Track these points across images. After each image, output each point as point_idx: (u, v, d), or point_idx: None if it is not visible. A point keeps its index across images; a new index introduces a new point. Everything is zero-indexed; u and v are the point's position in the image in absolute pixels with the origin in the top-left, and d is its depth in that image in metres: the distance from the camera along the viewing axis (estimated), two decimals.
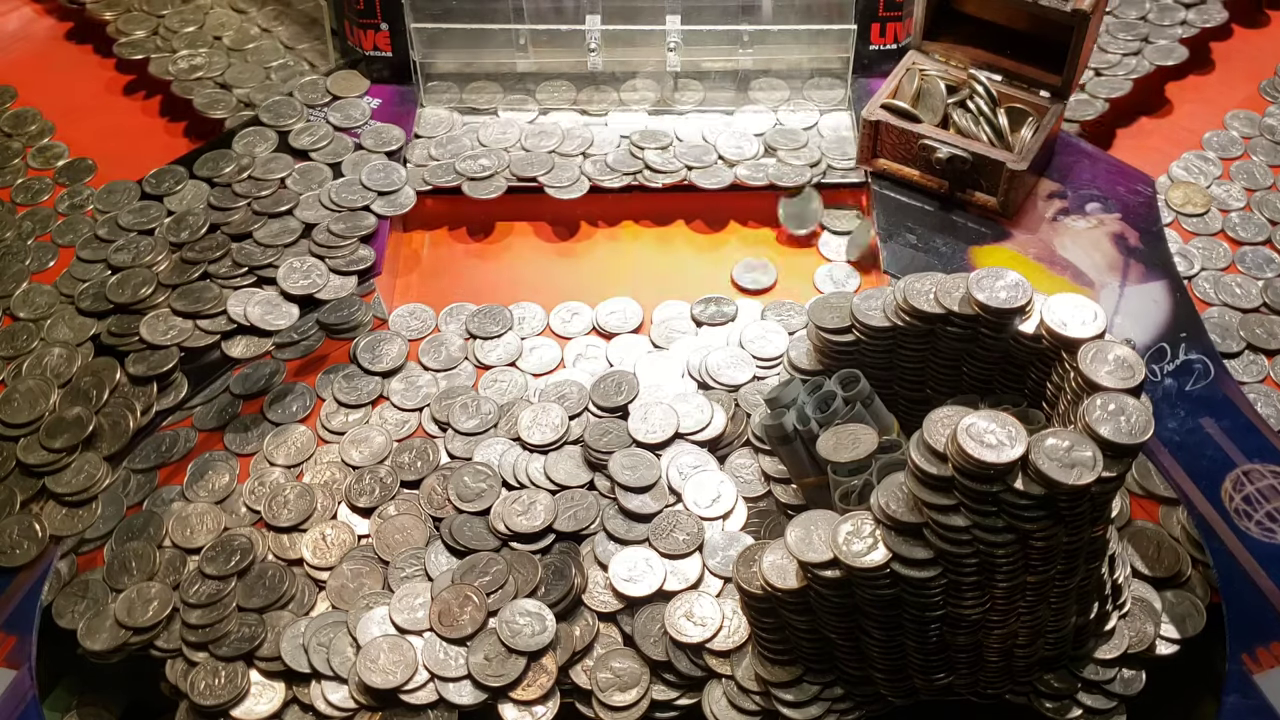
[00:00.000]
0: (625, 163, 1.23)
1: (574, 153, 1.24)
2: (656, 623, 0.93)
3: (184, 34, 1.38)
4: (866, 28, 1.28)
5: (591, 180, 1.22)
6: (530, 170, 1.22)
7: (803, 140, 1.25)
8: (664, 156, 1.23)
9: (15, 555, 0.95)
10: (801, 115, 1.29)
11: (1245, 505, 0.96)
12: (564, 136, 1.25)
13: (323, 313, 1.12)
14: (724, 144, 1.25)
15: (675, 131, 1.26)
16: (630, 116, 1.29)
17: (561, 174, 1.22)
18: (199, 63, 1.34)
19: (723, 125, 1.27)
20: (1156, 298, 1.10)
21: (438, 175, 1.21)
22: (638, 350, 1.12)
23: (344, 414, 1.08)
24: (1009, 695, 0.92)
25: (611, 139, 1.26)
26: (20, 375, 1.05)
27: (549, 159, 1.23)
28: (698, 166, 1.23)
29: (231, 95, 1.31)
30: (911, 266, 1.11)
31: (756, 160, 1.24)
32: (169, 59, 1.35)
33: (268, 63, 1.35)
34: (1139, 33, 1.37)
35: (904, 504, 0.80)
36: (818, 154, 1.24)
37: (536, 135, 1.26)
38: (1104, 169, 1.21)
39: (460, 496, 1.00)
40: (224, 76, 1.33)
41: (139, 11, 1.41)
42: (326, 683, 0.91)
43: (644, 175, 1.22)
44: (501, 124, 1.27)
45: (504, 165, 1.23)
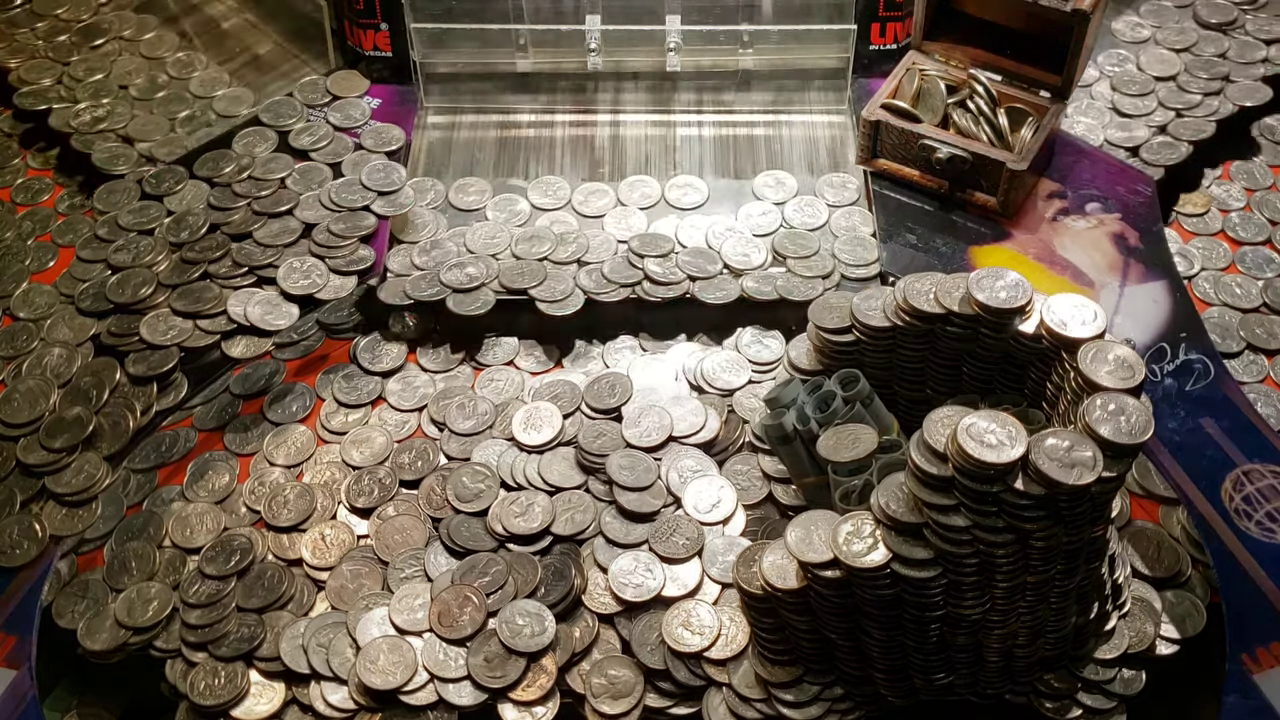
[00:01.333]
0: (623, 273, 1.13)
1: (568, 260, 1.14)
2: (654, 630, 0.92)
3: (89, 83, 1.31)
4: (866, 28, 1.28)
5: (587, 293, 1.12)
6: (521, 281, 1.12)
7: (814, 246, 1.15)
8: (665, 266, 1.13)
9: (15, 555, 0.95)
10: (809, 210, 1.19)
11: (1245, 505, 0.96)
12: (557, 243, 1.15)
13: (323, 313, 1.13)
14: (729, 250, 1.15)
15: (676, 234, 1.17)
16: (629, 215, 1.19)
17: (555, 286, 1.12)
18: (101, 114, 1.27)
19: (726, 228, 1.17)
20: (1156, 298, 1.10)
21: (420, 288, 1.11)
22: (634, 352, 1.12)
23: (344, 414, 1.08)
24: (1009, 695, 0.92)
25: (608, 244, 1.16)
26: (20, 375, 1.05)
27: (541, 269, 1.13)
28: (701, 277, 1.12)
29: (134, 149, 1.24)
30: (911, 266, 1.11)
31: (764, 270, 1.14)
32: (70, 110, 1.28)
33: (174, 113, 1.28)
34: (1219, 71, 1.31)
35: (904, 504, 0.80)
36: (830, 263, 1.14)
37: (528, 241, 1.15)
38: (1104, 169, 1.21)
39: (459, 497, 1.00)
40: (127, 129, 1.26)
41: (44, 59, 1.34)
42: (326, 683, 0.91)
43: (644, 288, 1.12)
44: (490, 230, 1.17)
45: (492, 275, 1.13)
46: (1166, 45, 1.34)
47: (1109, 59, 1.33)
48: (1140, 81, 1.31)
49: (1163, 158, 1.23)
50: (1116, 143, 1.25)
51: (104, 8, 1.40)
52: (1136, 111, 1.28)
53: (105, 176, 1.22)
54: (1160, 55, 1.33)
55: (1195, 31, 1.36)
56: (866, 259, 1.14)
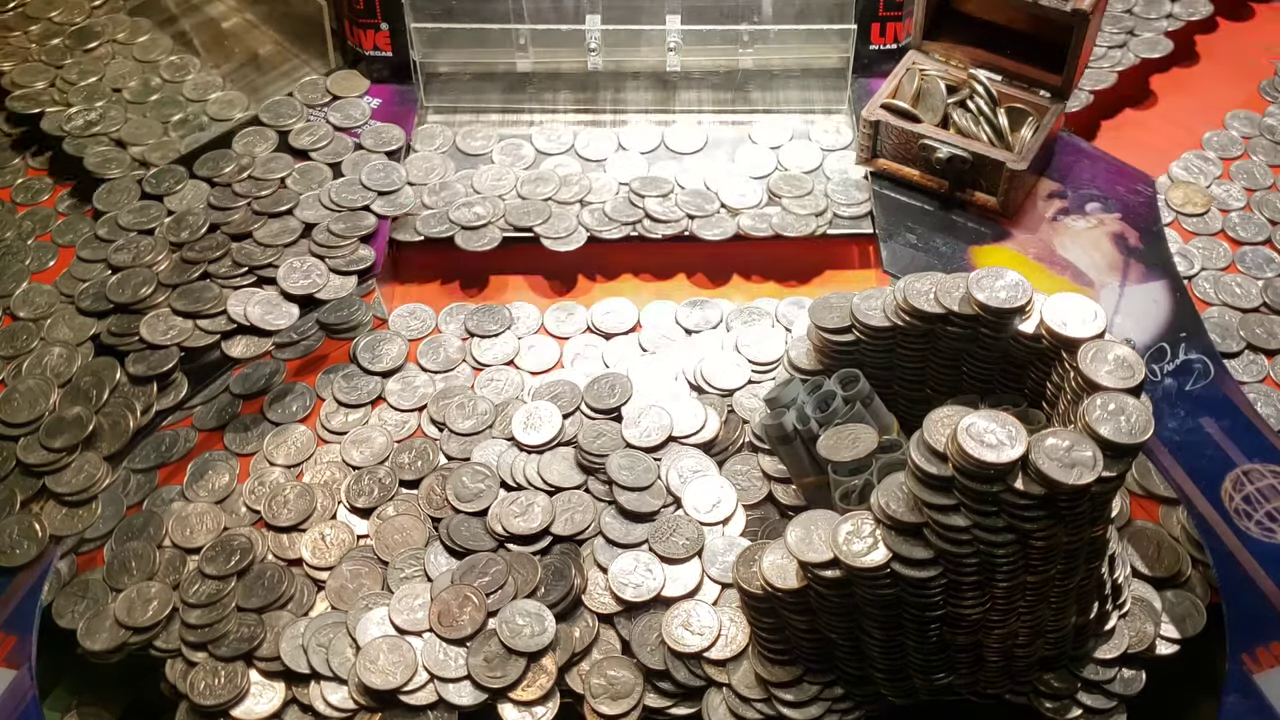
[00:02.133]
0: (624, 211, 1.18)
1: (571, 200, 1.19)
2: (654, 631, 0.92)
3: (82, 87, 1.30)
4: (866, 28, 1.28)
5: (590, 231, 1.17)
6: (526, 220, 1.17)
7: (807, 186, 1.20)
8: (664, 205, 1.18)
9: (15, 555, 0.95)
10: (805, 153, 1.24)
11: (1245, 505, 0.96)
12: (561, 183, 1.20)
13: (323, 313, 1.13)
14: (726, 191, 1.19)
15: (676, 178, 1.21)
16: (629, 160, 1.24)
17: (559, 224, 1.17)
18: (94, 118, 1.27)
19: (724, 171, 1.22)
20: (1156, 298, 1.10)
21: (430, 225, 1.17)
22: (634, 352, 1.12)
23: (344, 414, 1.08)
24: (1009, 695, 0.92)
25: (610, 185, 1.21)
26: (20, 375, 1.05)
27: (545, 207, 1.18)
28: (699, 215, 1.17)
29: (126, 153, 1.24)
30: (911, 266, 1.11)
31: (760, 209, 1.18)
32: (63, 114, 1.27)
33: (167, 116, 1.28)
34: (1124, 25, 1.37)
35: (904, 504, 0.80)
36: (823, 201, 1.19)
37: (533, 183, 1.20)
38: (1104, 169, 1.21)
39: (458, 497, 1.00)
40: (120, 133, 1.26)
41: (37, 62, 1.33)
42: (326, 683, 0.91)
43: (644, 225, 1.17)
44: (496, 172, 1.22)
45: (499, 214, 1.18)
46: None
47: None
48: None
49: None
50: None
51: (97, 10, 1.40)
52: None
53: (98, 180, 1.21)
54: None
55: None
56: (858, 198, 1.19)
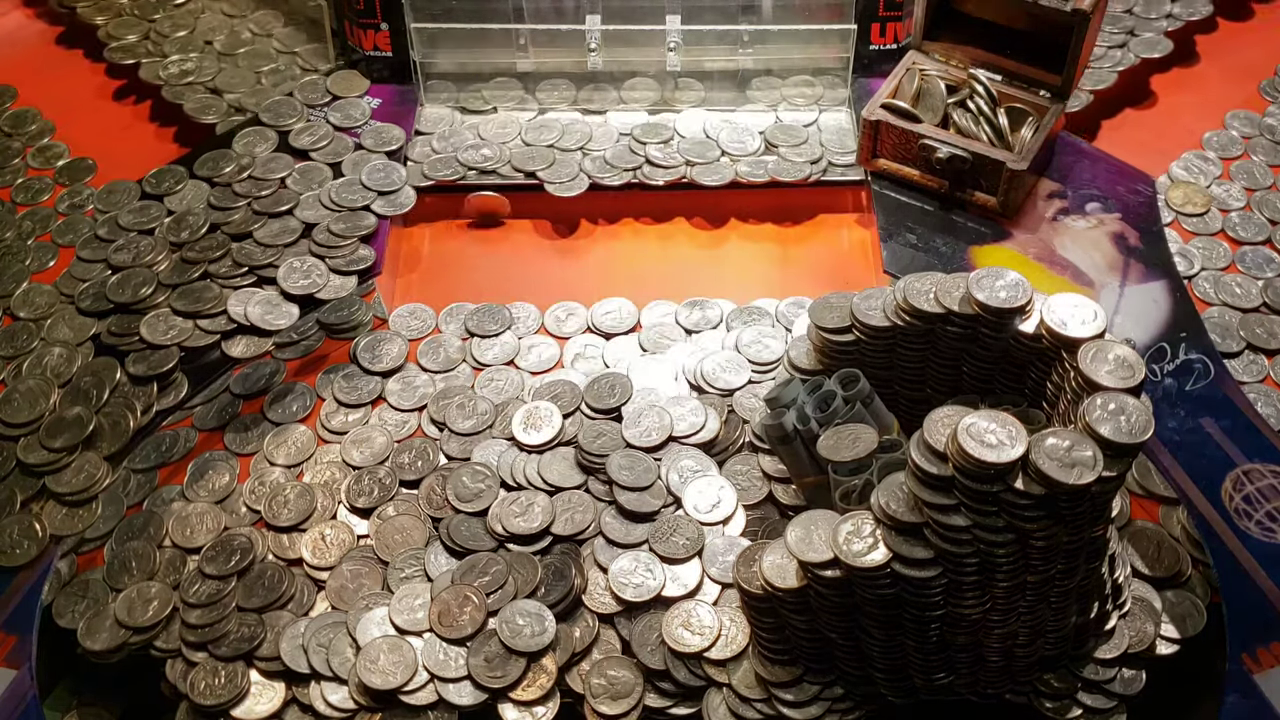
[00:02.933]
0: (625, 159, 1.24)
1: (573, 148, 1.25)
2: (654, 630, 0.92)
3: (175, 39, 1.37)
4: (866, 28, 1.28)
5: (591, 177, 1.22)
6: (530, 164, 1.23)
7: (803, 136, 1.26)
8: (665, 151, 1.24)
9: (15, 555, 0.95)
10: (802, 113, 1.29)
11: (1245, 505, 0.96)
12: (564, 131, 1.26)
13: (323, 313, 1.13)
14: (725, 139, 1.25)
15: (676, 127, 1.27)
16: (630, 115, 1.29)
17: (561, 170, 1.23)
18: (190, 67, 1.34)
19: (723, 121, 1.27)
20: (1156, 298, 1.10)
21: (438, 169, 1.22)
22: (635, 352, 1.12)
23: (344, 414, 1.08)
24: (1009, 695, 0.92)
25: (611, 135, 1.26)
26: (20, 375, 1.05)
27: (549, 153, 1.24)
28: (699, 162, 1.23)
29: (223, 100, 1.30)
30: (911, 266, 1.11)
31: (758, 156, 1.24)
32: (160, 64, 1.34)
33: (259, 67, 1.34)
34: (1124, 25, 1.37)
35: (904, 504, 0.80)
36: (818, 150, 1.24)
37: (536, 129, 1.27)
38: (1104, 169, 1.21)
39: (459, 497, 1.00)
40: (215, 81, 1.32)
41: (130, 16, 1.40)
42: (326, 683, 0.91)
43: (644, 171, 1.23)
44: (501, 120, 1.28)
45: (504, 159, 1.24)
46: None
47: None
48: None
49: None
50: None
51: None
52: None
53: (197, 127, 1.27)
54: None
55: None
56: (851, 146, 1.24)
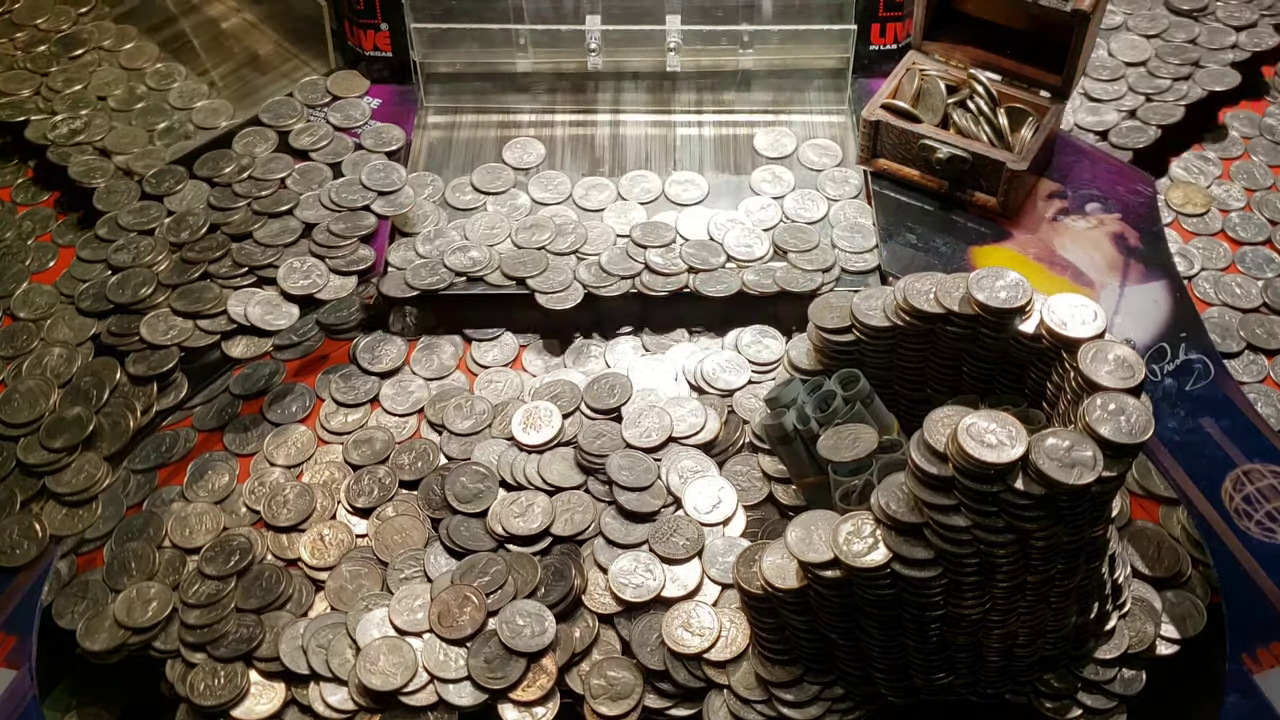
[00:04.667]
0: (621, 264, 1.13)
1: (567, 251, 1.14)
2: (654, 631, 0.92)
3: (67, 94, 1.29)
4: (866, 28, 1.28)
5: (587, 287, 1.11)
6: (522, 270, 1.12)
7: (814, 240, 1.15)
8: (666, 257, 1.13)
9: (15, 555, 0.95)
10: (809, 204, 1.19)
11: (1245, 505, 0.96)
12: (557, 232, 1.15)
13: (323, 313, 1.12)
14: (731, 242, 1.15)
15: (678, 228, 1.17)
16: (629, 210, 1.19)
17: (554, 277, 1.12)
18: (78, 126, 1.25)
19: (729, 222, 1.17)
20: (1156, 298, 1.10)
21: (422, 276, 1.12)
22: (635, 352, 1.12)
23: (343, 414, 1.08)
24: (1009, 695, 0.92)
25: (607, 236, 1.16)
26: (20, 375, 1.05)
27: (542, 256, 1.13)
28: (703, 269, 1.12)
29: (110, 162, 1.22)
30: (911, 266, 1.11)
31: (764, 263, 1.13)
32: (48, 122, 1.26)
33: (153, 125, 1.26)
34: (1189, 57, 1.32)
35: (904, 504, 0.80)
36: (831, 256, 1.13)
37: (528, 230, 1.16)
38: (1104, 169, 1.21)
39: (458, 497, 1.00)
40: (104, 141, 1.24)
41: (22, 69, 1.32)
42: (326, 684, 0.91)
43: (644, 279, 1.12)
44: (490, 218, 1.18)
45: (493, 264, 1.13)
46: (1138, 31, 1.36)
47: None
48: (1111, 66, 1.32)
49: (1131, 141, 1.25)
50: (1086, 127, 1.27)
51: (84, 17, 1.38)
52: (1107, 96, 1.29)
53: (82, 190, 1.20)
54: (1131, 41, 1.35)
55: (1166, 18, 1.37)
56: (865, 246, 1.15)
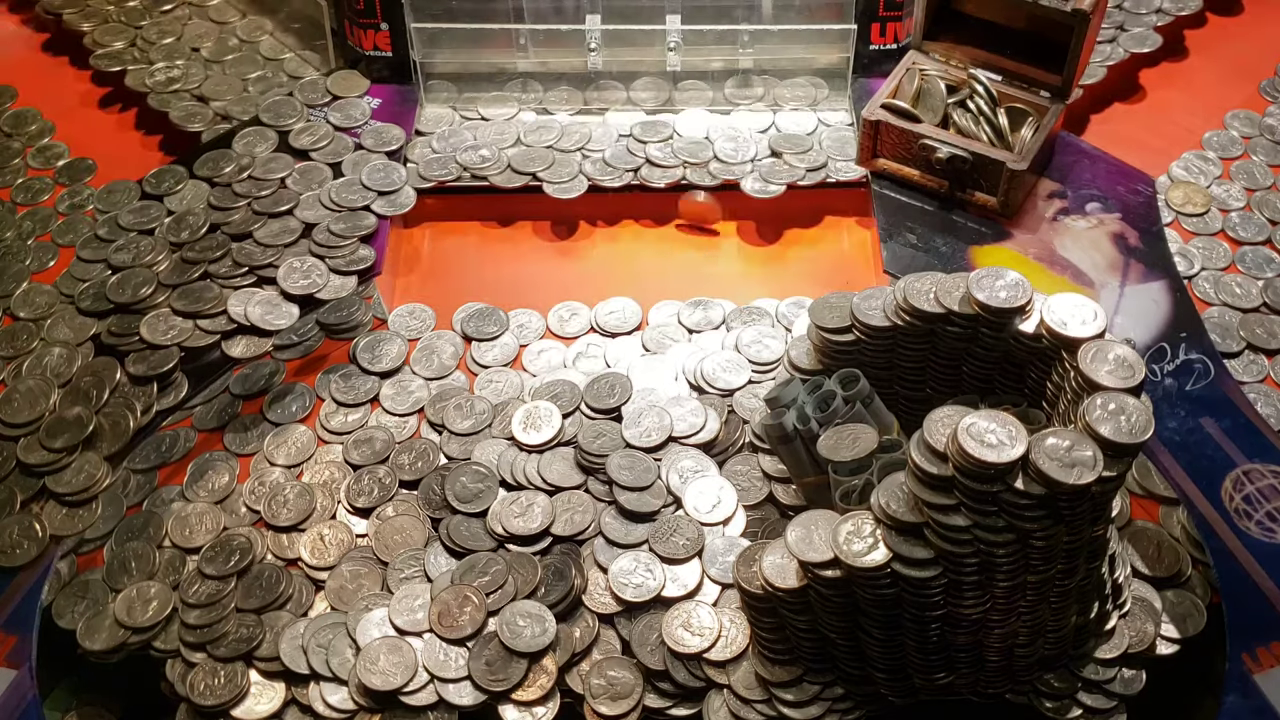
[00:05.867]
0: (624, 159, 1.23)
1: (572, 149, 1.24)
2: (654, 631, 0.92)
3: (161, 46, 1.36)
4: (866, 28, 1.27)
5: (590, 179, 1.22)
6: (529, 166, 1.22)
7: (807, 144, 1.25)
8: (664, 151, 1.24)
9: (15, 555, 0.95)
10: (801, 116, 1.28)
11: (1245, 505, 0.96)
12: (562, 132, 1.26)
13: (323, 313, 1.12)
14: (722, 145, 1.24)
15: (676, 126, 1.26)
16: (629, 114, 1.29)
17: (560, 170, 1.22)
18: (176, 75, 1.33)
19: (728, 127, 1.26)
20: (1156, 298, 1.10)
21: (434, 170, 1.22)
22: (634, 352, 1.12)
23: (343, 414, 1.08)
24: (1009, 695, 0.92)
25: (610, 135, 1.26)
26: (20, 375, 1.05)
27: (548, 154, 1.24)
28: (696, 163, 1.23)
29: (209, 108, 1.29)
30: (911, 266, 1.11)
31: (758, 161, 1.23)
32: (146, 71, 1.34)
33: (246, 75, 1.33)
34: (1114, 20, 1.37)
35: (904, 504, 0.80)
36: (822, 158, 1.23)
37: (535, 131, 1.26)
38: (1104, 169, 1.21)
39: (458, 497, 1.00)
40: (201, 89, 1.31)
41: (116, 23, 1.39)
42: (326, 684, 0.91)
43: (644, 172, 1.22)
44: (499, 123, 1.27)
45: (503, 161, 1.23)
46: None
47: None
48: None
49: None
50: None
51: None
52: None
53: (182, 135, 1.26)
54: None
55: None
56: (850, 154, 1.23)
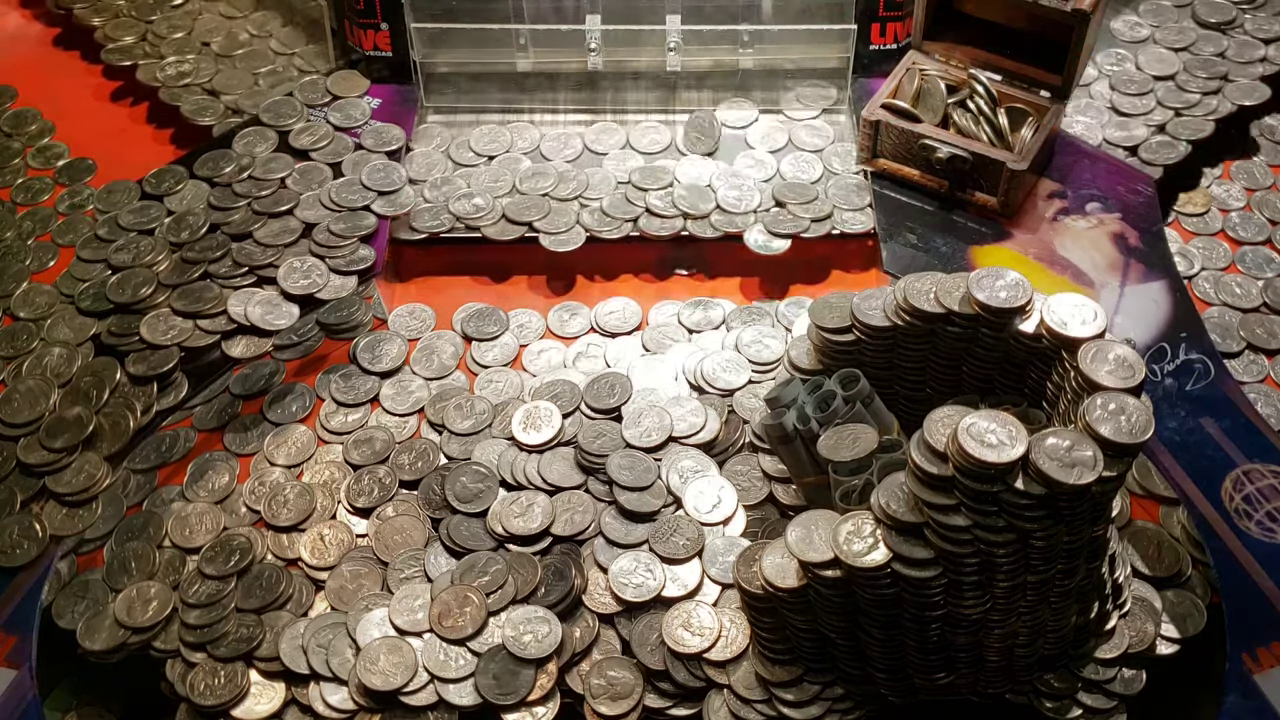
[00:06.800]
0: (623, 208, 1.17)
1: (569, 197, 1.18)
2: (654, 631, 0.92)
3: (172, 40, 1.36)
4: (866, 28, 1.27)
5: (588, 230, 1.16)
6: (525, 215, 1.16)
7: (812, 194, 1.18)
8: (664, 200, 1.18)
9: (15, 555, 0.95)
10: (806, 164, 1.22)
11: (1245, 505, 0.96)
12: (559, 179, 1.19)
13: (323, 313, 1.12)
14: (724, 194, 1.18)
15: (675, 173, 1.20)
16: (628, 156, 1.23)
17: (557, 219, 1.16)
18: (187, 69, 1.33)
19: (731, 174, 1.21)
20: (1156, 298, 1.10)
21: (425, 220, 1.16)
22: (634, 352, 1.12)
23: (343, 414, 1.08)
24: (1009, 695, 0.92)
25: (608, 183, 1.20)
26: (20, 375, 1.05)
27: (544, 202, 1.17)
28: (696, 215, 1.17)
29: (220, 102, 1.29)
30: (911, 266, 1.11)
31: (761, 212, 1.17)
32: (157, 65, 1.34)
33: (256, 69, 1.33)
34: (1217, 71, 1.30)
35: (904, 504, 0.80)
36: (828, 207, 1.17)
37: (531, 178, 1.20)
38: (1104, 169, 1.21)
39: (458, 497, 1.00)
40: (212, 83, 1.31)
41: (127, 18, 1.39)
42: (326, 684, 0.91)
43: (643, 222, 1.16)
44: (494, 168, 1.22)
45: (497, 210, 1.17)
46: (1165, 44, 1.34)
47: (1108, 58, 1.33)
48: (1139, 81, 1.30)
49: (1161, 157, 1.23)
50: (1115, 142, 1.25)
51: None
52: (1135, 111, 1.27)
53: (195, 128, 1.27)
54: (1159, 54, 1.33)
55: (1194, 31, 1.35)
56: (859, 204, 1.18)
